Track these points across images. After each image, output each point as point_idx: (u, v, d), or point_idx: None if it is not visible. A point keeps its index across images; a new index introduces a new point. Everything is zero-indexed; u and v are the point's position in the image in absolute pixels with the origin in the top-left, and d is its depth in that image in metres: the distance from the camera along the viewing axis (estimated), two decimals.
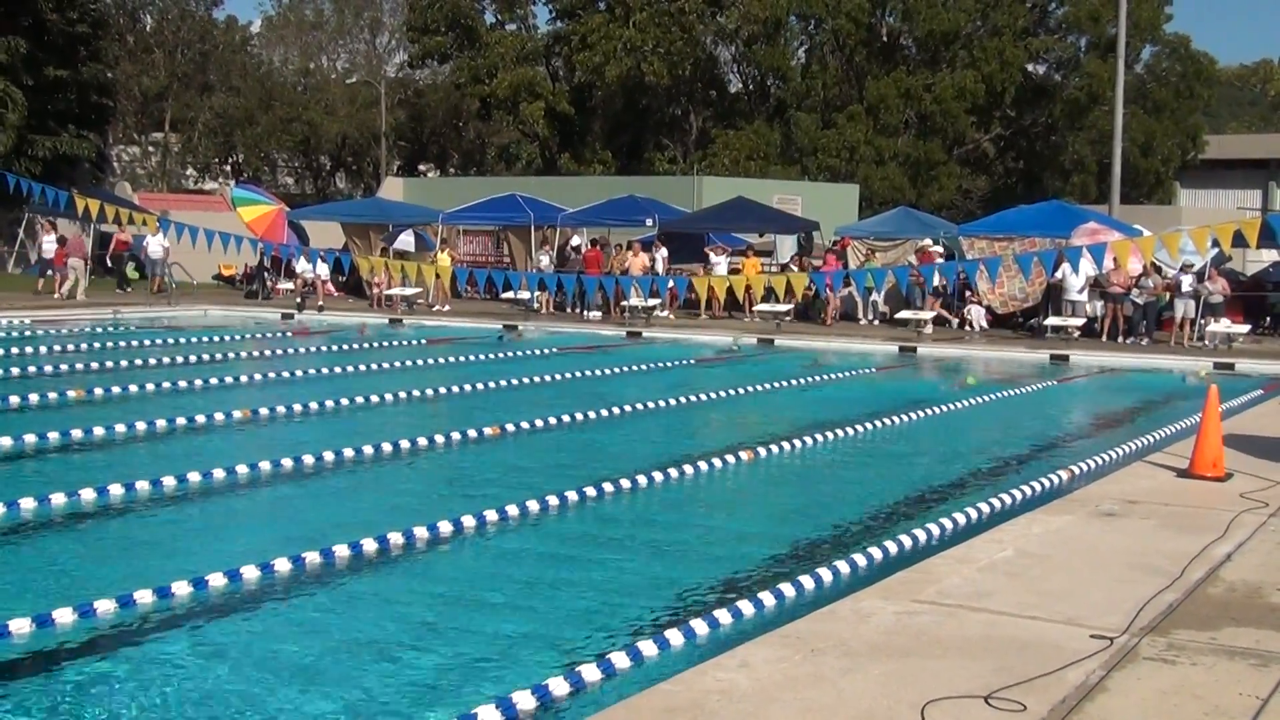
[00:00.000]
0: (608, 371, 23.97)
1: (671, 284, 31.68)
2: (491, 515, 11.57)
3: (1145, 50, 65.09)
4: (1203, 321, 30.32)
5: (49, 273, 37.29)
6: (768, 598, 9.07)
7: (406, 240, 38.76)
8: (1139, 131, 60.43)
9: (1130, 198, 54.51)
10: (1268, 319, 34.13)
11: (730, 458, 14.92)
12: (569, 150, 66.63)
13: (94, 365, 22.60)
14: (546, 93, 65.64)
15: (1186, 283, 30.30)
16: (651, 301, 33.57)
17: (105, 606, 8.76)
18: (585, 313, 35.54)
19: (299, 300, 36.64)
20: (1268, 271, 38.33)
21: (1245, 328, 30.66)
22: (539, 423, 17.19)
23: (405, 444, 15.32)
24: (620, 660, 7.75)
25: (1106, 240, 27.75)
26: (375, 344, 28.38)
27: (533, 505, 12.00)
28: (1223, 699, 6.55)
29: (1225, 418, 14.92)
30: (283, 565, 9.83)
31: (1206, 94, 68.15)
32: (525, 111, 64.77)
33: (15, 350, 24.21)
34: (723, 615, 8.64)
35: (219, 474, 13.21)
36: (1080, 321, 31.22)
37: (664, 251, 36.89)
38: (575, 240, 40.81)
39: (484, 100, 66.73)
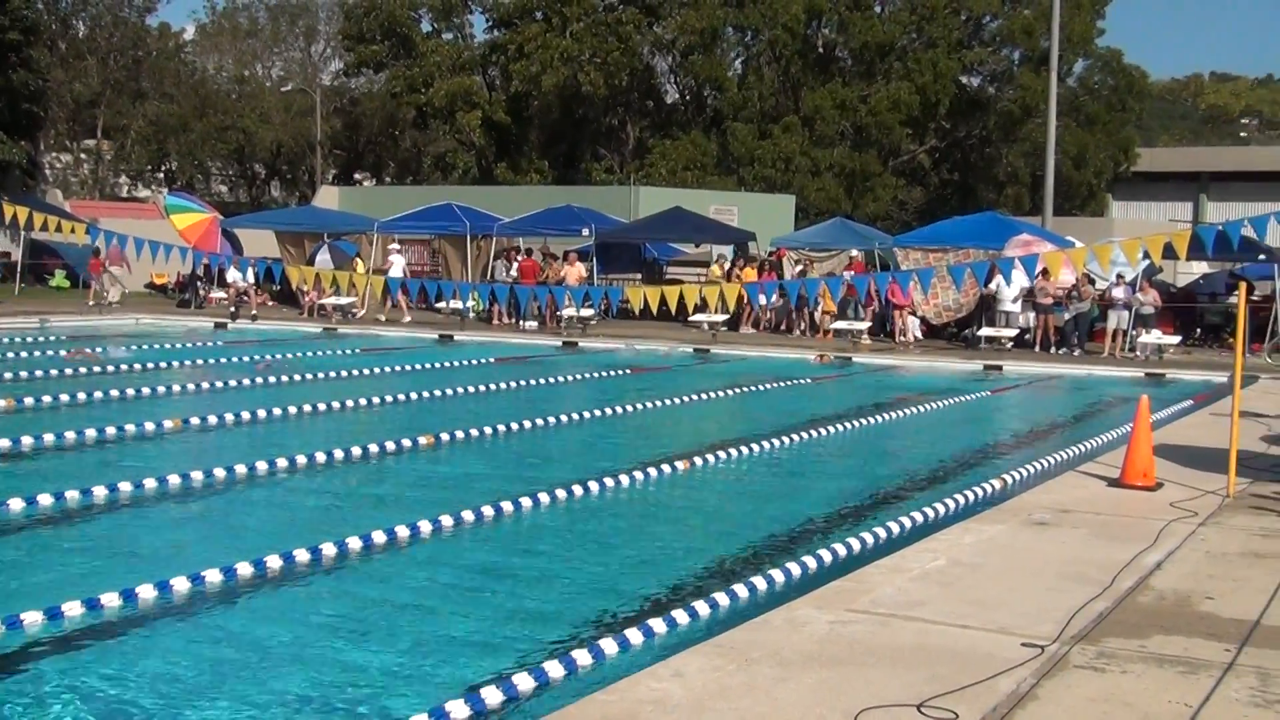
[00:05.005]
0: (543, 381, 23.95)
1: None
2: (425, 525, 11.52)
3: (1078, 64, 65.63)
4: (1134, 332, 30.62)
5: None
6: (702, 607, 9.06)
7: (323, 260, 38.59)
8: (1072, 144, 60.93)
9: (1063, 209, 54.92)
10: (1198, 330, 34.51)
11: (665, 467, 14.92)
12: (505, 160, 66.47)
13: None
14: (483, 102, 65.45)
15: (1119, 294, 30.58)
16: (586, 312, 33.57)
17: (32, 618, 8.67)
18: (521, 323, 35.48)
19: (232, 309, 36.43)
20: (1198, 283, 38.78)
21: (1176, 339, 31.01)
22: (473, 432, 17.14)
23: (339, 453, 15.24)
24: (554, 669, 7.73)
25: (1039, 251, 27.98)
26: (314, 353, 28.21)
27: (467, 515, 11.96)
28: (1153, 706, 6.60)
29: (1156, 428, 15.04)
30: (213, 576, 9.75)
31: (1138, 107, 68.86)
32: (462, 121, 64.58)
33: None
34: (657, 624, 8.62)
35: (150, 484, 13.10)
36: (1013, 332, 31.44)
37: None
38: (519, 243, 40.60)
39: (420, 109, 66.47)
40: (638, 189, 49.04)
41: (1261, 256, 32.71)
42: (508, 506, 12.43)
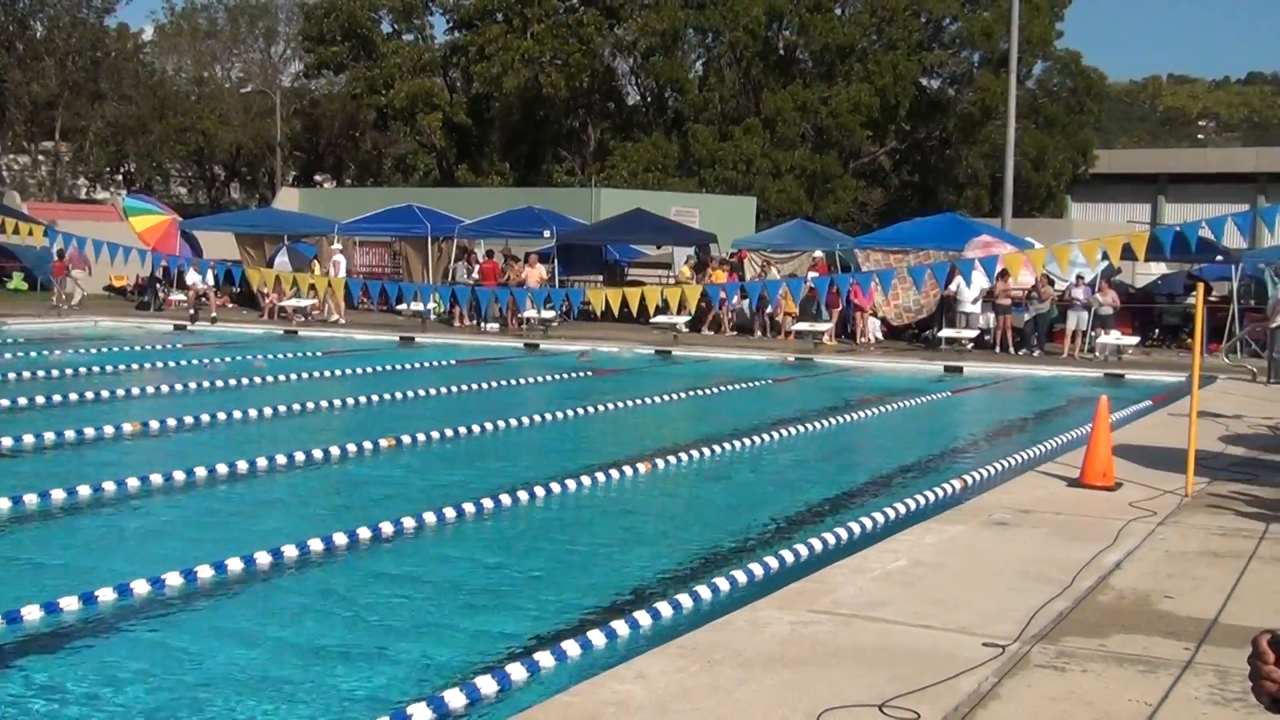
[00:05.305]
0: (505, 383, 23.91)
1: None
2: (386, 527, 11.49)
3: (1037, 66, 65.83)
4: (1093, 333, 30.77)
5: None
6: (665, 608, 9.06)
7: (282, 262, 38.52)
8: (1031, 146, 61.15)
9: (1022, 211, 55.16)
10: (1156, 330, 34.71)
11: (627, 469, 14.91)
12: (466, 161, 66.30)
13: None
14: (444, 103, 65.32)
15: (1078, 295, 30.74)
16: (547, 314, 33.54)
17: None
18: (483, 324, 35.43)
19: (191, 312, 36.26)
20: (1156, 284, 39.03)
21: (1135, 339, 31.16)
22: (435, 434, 17.11)
23: (300, 456, 15.18)
24: (517, 672, 7.72)
25: (999, 253, 28.09)
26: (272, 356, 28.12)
27: (428, 517, 11.94)
28: (1112, 705, 6.64)
29: (1115, 428, 15.13)
30: (173, 579, 9.70)
31: (1097, 109, 69.09)
32: (422, 122, 64.45)
33: None
34: (620, 626, 8.62)
35: (109, 487, 13.03)
36: (973, 333, 31.56)
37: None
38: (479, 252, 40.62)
39: (380, 111, 66.28)
40: (599, 191, 49.00)
41: (1219, 257, 32.93)
42: (469, 508, 12.41)
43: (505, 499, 12.91)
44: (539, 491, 13.38)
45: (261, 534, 11.33)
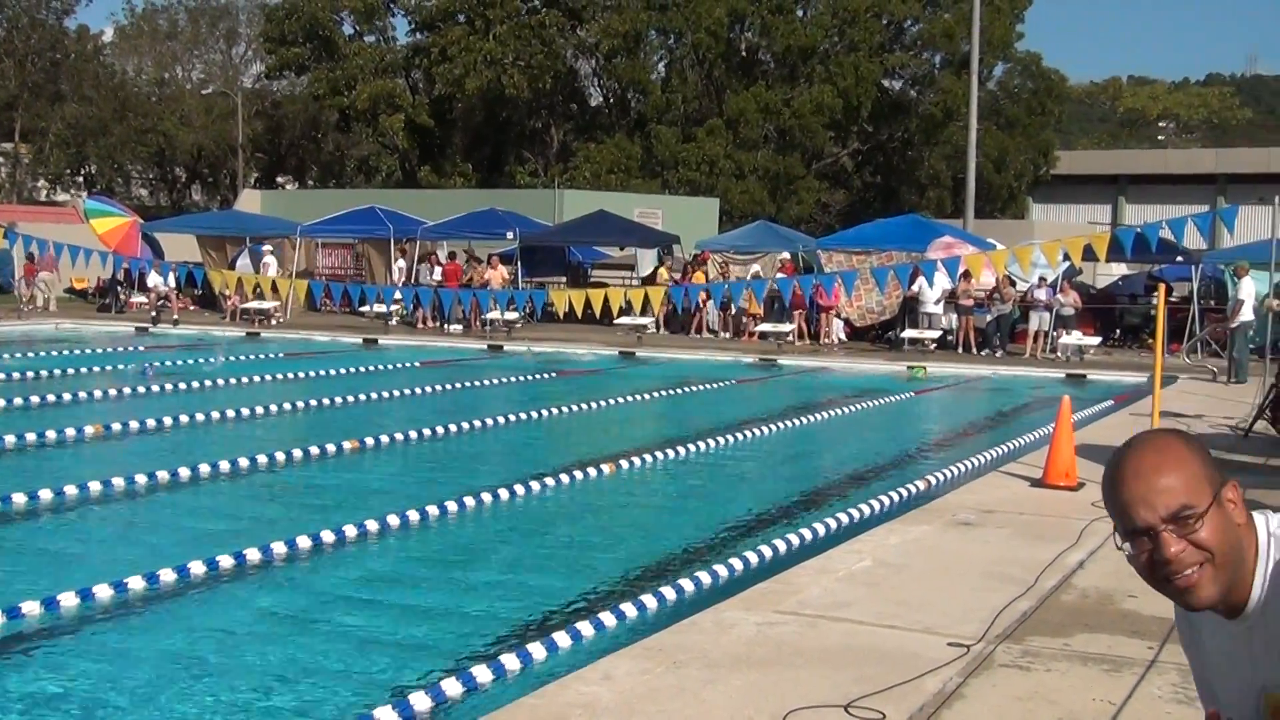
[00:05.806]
0: (469, 385, 23.87)
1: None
2: (350, 530, 11.45)
3: (998, 67, 66.05)
4: (1055, 334, 30.91)
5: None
6: (630, 609, 9.05)
7: (244, 265, 38.41)
8: (992, 147, 61.33)
9: (984, 212, 55.29)
10: (1118, 330, 34.89)
11: (591, 470, 14.90)
12: (429, 163, 66.19)
13: None
14: (406, 105, 65.17)
15: (1040, 295, 30.88)
16: (510, 315, 33.48)
17: None
18: (446, 326, 35.37)
19: (153, 314, 36.11)
20: (1117, 284, 39.25)
21: (1096, 340, 31.32)
22: (399, 436, 17.07)
23: (263, 459, 15.11)
24: (482, 674, 7.70)
25: (961, 254, 28.20)
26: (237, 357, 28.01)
27: (392, 520, 11.90)
28: (1076, 704, 6.66)
29: (1077, 428, 15.18)
30: (136, 583, 9.65)
31: (1057, 110, 69.33)
32: (385, 124, 64.28)
33: None
34: (585, 627, 8.61)
35: (71, 490, 12.94)
36: (936, 334, 31.67)
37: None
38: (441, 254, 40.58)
39: (343, 112, 66.10)
40: (562, 192, 48.99)
41: (1179, 258, 33.13)
42: (434, 511, 12.38)
43: (469, 501, 12.89)
44: (503, 494, 13.35)
45: (222, 538, 11.27)
